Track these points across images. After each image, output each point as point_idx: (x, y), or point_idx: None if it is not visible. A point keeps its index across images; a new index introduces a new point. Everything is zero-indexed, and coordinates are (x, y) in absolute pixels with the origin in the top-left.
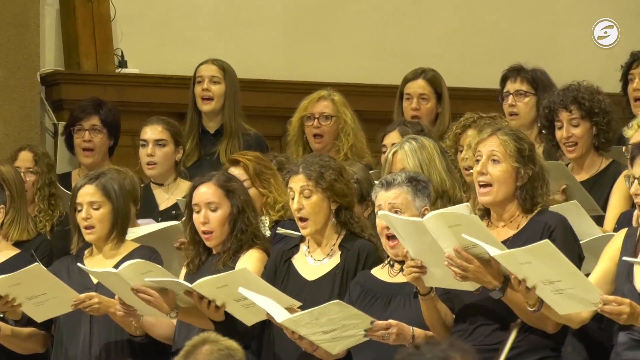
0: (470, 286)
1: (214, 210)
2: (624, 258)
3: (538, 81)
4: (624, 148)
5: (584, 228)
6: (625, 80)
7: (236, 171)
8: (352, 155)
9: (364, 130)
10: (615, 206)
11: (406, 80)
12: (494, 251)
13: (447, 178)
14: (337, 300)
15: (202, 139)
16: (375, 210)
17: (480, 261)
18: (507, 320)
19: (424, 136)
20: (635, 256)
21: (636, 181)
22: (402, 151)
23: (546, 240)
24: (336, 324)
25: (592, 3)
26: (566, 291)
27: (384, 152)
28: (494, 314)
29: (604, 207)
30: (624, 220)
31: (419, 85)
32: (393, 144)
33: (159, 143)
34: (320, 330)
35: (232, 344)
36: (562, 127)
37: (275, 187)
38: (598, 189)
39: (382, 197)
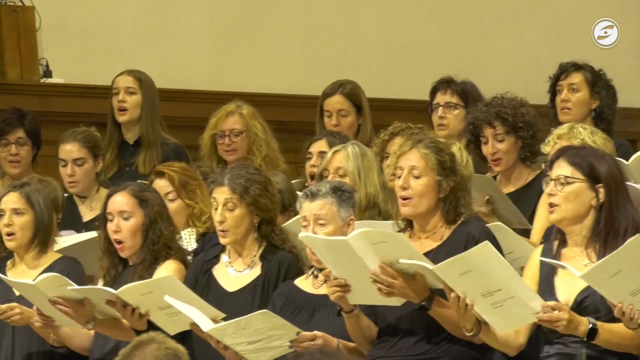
0: (396, 301)
1: (126, 219)
2: (543, 259)
3: (468, 94)
4: (543, 165)
5: (516, 248)
6: (554, 91)
7: (161, 182)
8: (266, 165)
9: (287, 141)
10: (542, 218)
11: (325, 96)
12: (431, 264)
13: (381, 192)
14: (265, 310)
15: (122, 150)
16: (300, 221)
17: (405, 276)
18: (430, 331)
19: (367, 148)
20: (553, 271)
21: (552, 182)
22: (345, 152)
23: (486, 242)
24: (262, 335)
25: (517, 16)
26: (506, 302)
27: (309, 159)
28: (417, 325)
29: (530, 220)
30: (550, 234)
31: (336, 101)
32: (320, 152)
33: (77, 163)
34: (245, 341)
35: (179, 346)
36: (488, 142)
37: (202, 198)
38: (525, 202)
39: (307, 208)
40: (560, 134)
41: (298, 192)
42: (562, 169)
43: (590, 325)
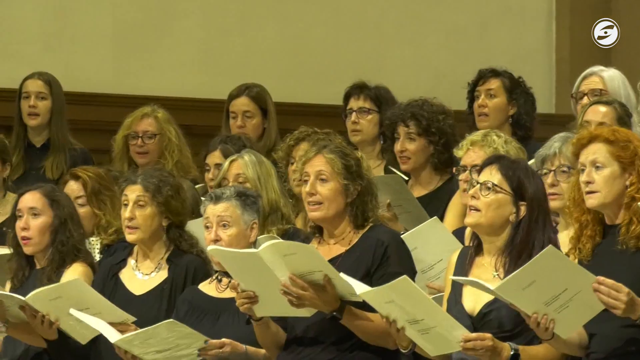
0: (306, 312)
1: (35, 216)
2: (452, 277)
3: (381, 99)
4: (454, 169)
5: (445, 243)
6: (472, 97)
7: (74, 186)
8: (177, 171)
9: (191, 145)
10: (449, 224)
11: (231, 97)
12: (360, 289)
13: (282, 198)
14: (171, 320)
15: (28, 153)
16: (203, 223)
17: (316, 287)
18: (338, 338)
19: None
20: (466, 276)
21: (478, 185)
22: (242, 160)
23: (404, 277)
24: (170, 344)
25: (417, 21)
26: (431, 330)
27: (208, 171)
28: (326, 332)
29: None
30: (458, 238)
31: (242, 103)
32: (217, 164)
33: None
34: (153, 350)
35: None
36: (400, 139)
37: (110, 211)
38: (434, 206)
39: (211, 210)
40: (474, 140)
41: (202, 198)
42: (492, 176)
43: (512, 352)
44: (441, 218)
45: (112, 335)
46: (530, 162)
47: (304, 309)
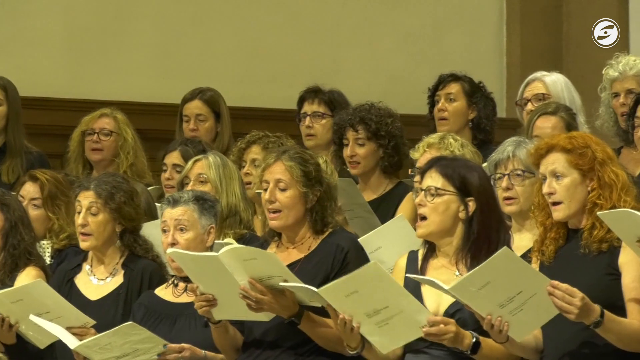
0: (264, 317)
1: None
2: (410, 276)
3: (335, 103)
4: (409, 170)
5: (411, 243)
6: (432, 102)
7: (31, 187)
8: (132, 175)
9: (145, 150)
10: None
11: (184, 101)
12: (315, 288)
13: (242, 202)
14: (130, 322)
15: None
16: (161, 227)
17: (274, 292)
18: (296, 343)
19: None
20: (419, 285)
21: (422, 192)
22: (206, 160)
23: (374, 262)
24: (128, 349)
25: (372, 25)
26: (393, 319)
27: (165, 171)
28: (283, 337)
29: None
30: None
31: (195, 106)
32: (174, 164)
33: None
34: (113, 356)
35: None
36: (349, 144)
37: (65, 216)
38: (384, 210)
39: (168, 213)
40: (430, 142)
41: (157, 204)
42: (434, 179)
43: (474, 339)
44: None
45: (71, 342)
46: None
47: (262, 314)
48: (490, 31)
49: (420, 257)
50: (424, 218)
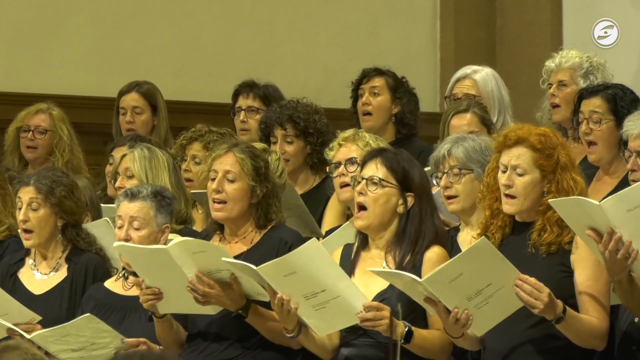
0: (211, 310)
1: None
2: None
3: (270, 98)
4: (327, 168)
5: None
6: (356, 95)
7: None
8: (68, 171)
9: (82, 143)
10: (330, 222)
11: (121, 94)
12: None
13: (174, 192)
14: (89, 314)
15: None
16: (116, 220)
17: (222, 285)
18: (242, 335)
19: (161, 149)
20: (350, 272)
21: (364, 181)
22: (131, 155)
23: (313, 239)
24: (85, 342)
25: (307, 19)
26: (330, 303)
27: (111, 164)
28: (228, 329)
29: (318, 222)
30: None
31: (132, 99)
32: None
33: None
34: (69, 348)
35: (44, 356)
36: (277, 142)
37: (2, 209)
38: (312, 205)
39: (124, 208)
40: (345, 136)
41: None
42: (378, 170)
43: (407, 327)
44: (320, 217)
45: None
46: (427, 169)
47: (209, 307)
48: (425, 26)
49: (354, 248)
50: (363, 208)
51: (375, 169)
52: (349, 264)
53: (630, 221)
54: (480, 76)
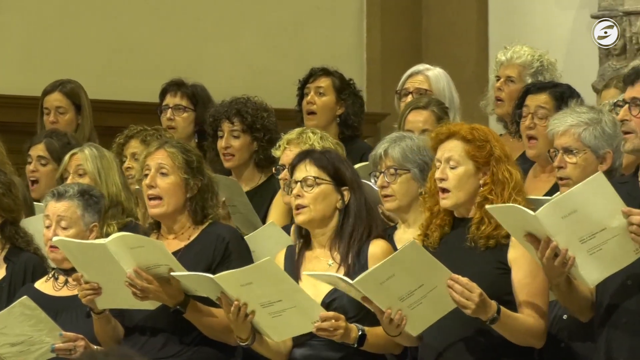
0: (150, 305)
1: None
2: (307, 273)
3: (197, 97)
4: (273, 168)
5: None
6: (301, 94)
7: None
8: None
9: (7, 142)
10: (274, 220)
11: (44, 93)
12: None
13: (123, 191)
14: (25, 297)
15: None
16: (43, 219)
17: (160, 281)
18: (180, 332)
19: (105, 149)
20: (297, 275)
21: (298, 184)
22: (82, 154)
23: (268, 258)
24: (23, 336)
25: (234, 19)
26: (286, 312)
27: (29, 163)
28: (166, 325)
29: (263, 220)
30: None
31: (55, 99)
32: (39, 156)
33: None
34: (7, 343)
35: None
36: (223, 136)
37: None
38: (257, 203)
39: (52, 207)
40: (289, 139)
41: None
42: (309, 170)
43: (360, 332)
44: (265, 215)
45: None
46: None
47: (147, 302)
48: (351, 26)
49: (297, 250)
50: (303, 207)
51: (306, 170)
52: (293, 265)
53: (566, 227)
54: (432, 73)
